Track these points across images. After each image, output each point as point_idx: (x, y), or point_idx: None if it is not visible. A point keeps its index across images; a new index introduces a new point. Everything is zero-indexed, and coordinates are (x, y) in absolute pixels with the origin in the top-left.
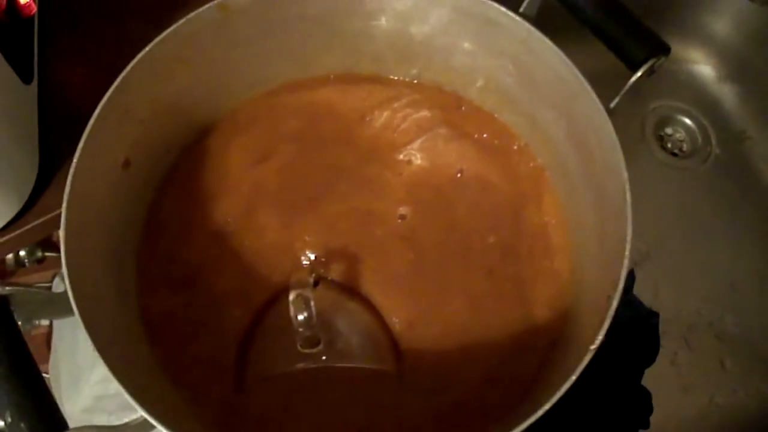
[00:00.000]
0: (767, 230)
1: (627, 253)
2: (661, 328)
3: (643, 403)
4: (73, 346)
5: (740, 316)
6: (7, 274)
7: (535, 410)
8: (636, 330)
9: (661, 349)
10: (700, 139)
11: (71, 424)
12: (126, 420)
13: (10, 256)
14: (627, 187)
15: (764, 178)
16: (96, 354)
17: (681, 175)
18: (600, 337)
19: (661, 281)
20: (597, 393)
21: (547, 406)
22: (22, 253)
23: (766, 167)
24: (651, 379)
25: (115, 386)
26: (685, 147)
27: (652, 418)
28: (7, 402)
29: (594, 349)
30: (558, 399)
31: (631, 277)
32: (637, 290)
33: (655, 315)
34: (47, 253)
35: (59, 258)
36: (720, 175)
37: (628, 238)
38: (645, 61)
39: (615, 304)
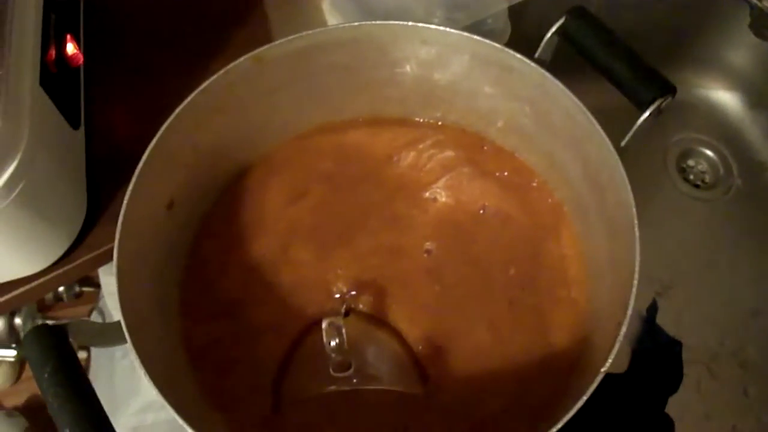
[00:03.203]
0: None
1: (635, 281)
2: (685, 356)
3: (666, 430)
4: (111, 377)
5: (763, 345)
6: (46, 308)
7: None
8: (659, 358)
9: (684, 377)
10: (722, 171)
11: None
12: None
13: None
14: (636, 222)
15: None
16: (138, 383)
17: (703, 207)
18: (610, 360)
19: (684, 311)
20: (622, 419)
21: (558, 426)
22: (60, 288)
23: None
24: (675, 406)
25: (151, 417)
26: (707, 178)
27: None
28: (68, 421)
29: (604, 371)
30: (570, 419)
31: (654, 307)
32: (661, 320)
33: (678, 344)
34: (84, 288)
35: (95, 293)
36: (742, 206)
37: (636, 268)
38: (653, 101)
39: (624, 329)
